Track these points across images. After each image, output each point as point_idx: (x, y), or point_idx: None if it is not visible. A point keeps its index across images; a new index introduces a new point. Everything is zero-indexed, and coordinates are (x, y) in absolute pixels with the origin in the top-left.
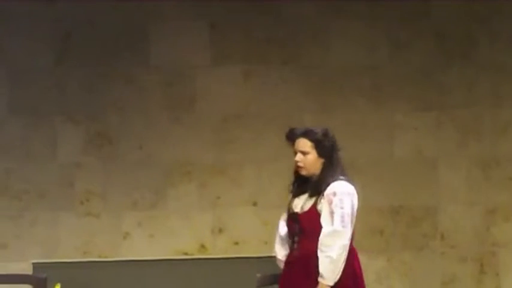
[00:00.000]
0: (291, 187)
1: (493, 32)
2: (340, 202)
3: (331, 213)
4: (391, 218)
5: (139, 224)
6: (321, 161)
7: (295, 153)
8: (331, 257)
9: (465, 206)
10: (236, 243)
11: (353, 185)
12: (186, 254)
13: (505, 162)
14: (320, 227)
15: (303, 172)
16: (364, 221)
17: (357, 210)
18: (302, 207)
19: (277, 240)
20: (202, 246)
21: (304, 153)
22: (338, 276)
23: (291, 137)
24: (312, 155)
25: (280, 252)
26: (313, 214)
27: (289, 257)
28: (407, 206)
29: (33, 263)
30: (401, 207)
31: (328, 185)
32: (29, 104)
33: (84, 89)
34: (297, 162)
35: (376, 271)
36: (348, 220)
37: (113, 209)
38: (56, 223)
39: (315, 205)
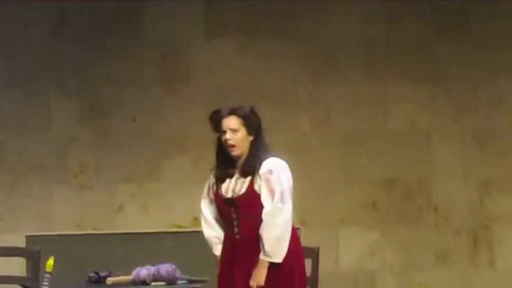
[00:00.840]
0: (215, 171)
1: (488, 5)
2: (278, 178)
3: (271, 190)
4: (384, 191)
5: (133, 197)
6: (250, 139)
7: (224, 133)
8: (276, 235)
9: (459, 179)
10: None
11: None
12: (179, 226)
13: (500, 136)
14: (261, 207)
15: (235, 152)
16: (358, 194)
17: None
18: (236, 191)
19: (204, 224)
20: (196, 219)
21: (233, 130)
22: (285, 253)
23: (218, 117)
24: (242, 133)
25: (211, 233)
26: (252, 195)
27: (229, 241)
28: (401, 179)
29: (26, 236)
30: (395, 180)
31: (260, 162)
32: (23, 78)
33: (79, 63)
34: (227, 140)
35: (369, 244)
36: (287, 196)
37: (106, 181)
38: (49, 196)
39: (251, 186)
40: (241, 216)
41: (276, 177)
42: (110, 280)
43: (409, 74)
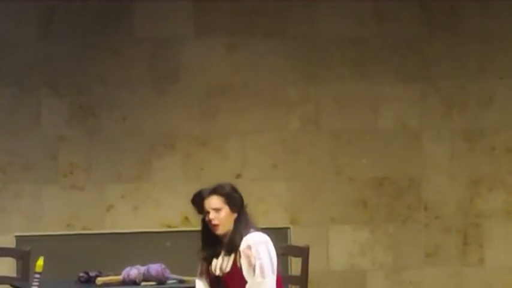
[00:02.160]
0: (201, 252)
1: (478, 4)
2: (257, 253)
3: (252, 266)
4: (374, 189)
5: (123, 196)
6: (234, 216)
7: (207, 214)
8: None
9: (449, 177)
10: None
11: (265, 233)
12: (169, 226)
13: (489, 134)
14: (245, 284)
15: (219, 231)
16: (348, 193)
17: (277, 254)
18: (222, 269)
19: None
20: (186, 218)
21: (217, 210)
22: None
23: (200, 198)
24: (225, 211)
25: None
26: (236, 272)
27: None
28: (391, 177)
29: (16, 236)
30: (385, 178)
31: (241, 239)
32: (13, 77)
33: (69, 62)
34: (211, 221)
35: (360, 243)
36: (267, 269)
37: (96, 181)
38: (39, 196)
39: (235, 263)
40: None
41: (254, 252)
42: (99, 280)
43: (399, 73)
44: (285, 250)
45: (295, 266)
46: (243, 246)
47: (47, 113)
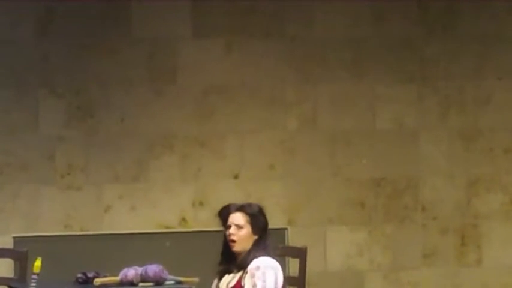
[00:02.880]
0: (219, 268)
1: (475, 4)
2: (263, 275)
3: (253, 286)
4: (372, 190)
5: (120, 197)
6: (254, 238)
7: (228, 228)
8: None
9: (446, 178)
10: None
11: (278, 262)
12: (167, 227)
13: (487, 134)
14: None
15: (235, 247)
16: (345, 193)
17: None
18: (228, 284)
19: None
20: (184, 219)
21: (238, 226)
22: None
23: (226, 212)
24: (246, 230)
25: None
26: None
27: None
28: (389, 178)
29: (14, 237)
30: (382, 179)
31: (253, 260)
32: (10, 78)
33: (67, 62)
34: (230, 235)
35: (357, 243)
36: None
37: (94, 182)
38: (37, 196)
39: (239, 280)
40: None
41: (261, 274)
42: (97, 281)
43: (397, 73)
44: (283, 251)
45: (292, 266)
46: (251, 266)
47: (45, 114)
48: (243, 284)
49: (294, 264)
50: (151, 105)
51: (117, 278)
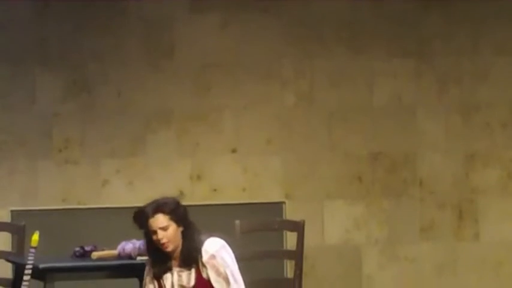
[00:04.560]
0: (151, 270)
1: None
2: (223, 261)
3: (222, 275)
4: (369, 164)
5: (118, 171)
6: (180, 229)
7: (154, 233)
8: None
9: (444, 153)
10: (215, 190)
11: (217, 236)
12: None
13: (484, 109)
14: None
15: (170, 248)
16: (343, 168)
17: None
18: (185, 284)
19: None
20: (181, 193)
21: (164, 228)
22: None
23: (143, 217)
24: (172, 227)
25: None
26: (204, 284)
27: None
28: (386, 152)
29: (11, 211)
30: (380, 154)
31: (198, 251)
32: (7, 54)
33: (63, 38)
34: (160, 240)
35: (354, 218)
36: (237, 273)
37: (91, 156)
38: (34, 171)
39: (199, 275)
40: None
41: (220, 261)
42: (95, 254)
43: (394, 49)
44: (280, 225)
45: (290, 240)
46: (205, 257)
47: (41, 90)
48: (204, 276)
49: (291, 238)
50: (148, 80)
51: (115, 252)
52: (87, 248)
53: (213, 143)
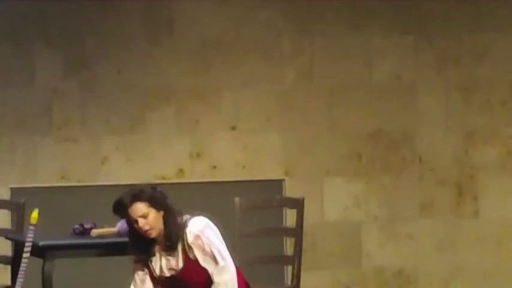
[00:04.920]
0: (136, 256)
1: None
2: (207, 240)
3: (208, 254)
4: (369, 142)
5: (117, 149)
6: (161, 214)
7: (135, 222)
8: None
9: (444, 130)
10: (214, 168)
11: (199, 215)
12: (164, 178)
13: (484, 86)
14: (205, 270)
15: (153, 234)
16: (342, 146)
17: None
18: (174, 268)
19: None
20: (181, 170)
21: (144, 216)
22: None
23: (122, 208)
24: (152, 214)
25: None
26: (193, 265)
27: None
28: (386, 130)
29: (11, 188)
30: (379, 131)
31: (180, 233)
32: (7, 30)
33: (62, 15)
34: (142, 228)
35: (354, 195)
36: (223, 250)
37: (91, 134)
38: (34, 148)
39: (187, 257)
40: (191, 285)
41: (205, 240)
42: (94, 232)
43: (394, 26)
44: (280, 202)
45: (290, 217)
46: (190, 238)
47: (41, 66)
48: (192, 257)
49: (291, 215)
50: (147, 58)
51: (115, 229)
52: (87, 226)
53: (212, 120)
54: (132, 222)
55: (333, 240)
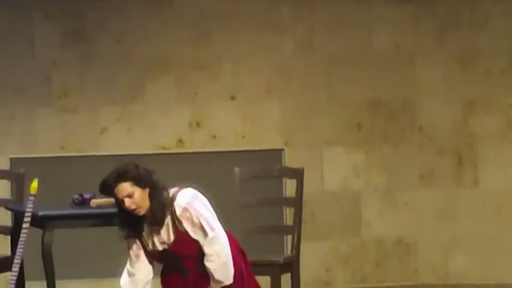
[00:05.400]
0: (127, 234)
1: None
2: (195, 211)
3: (197, 225)
4: (369, 112)
5: (117, 119)
6: (147, 191)
7: (122, 202)
8: (221, 262)
9: (443, 99)
10: (214, 138)
11: (187, 187)
12: (164, 148)
13: (484, 56)
14: (197, 244)
15: (141, 212)
16: (342, 115)
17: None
18: (166, 241)
19: (129, 281)
20: (180, 140)
21: (129, 196)
22: (233, 271)
23: (108, 189)
24: (138, 192)
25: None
26: (184, 237)
27: (179, 284)
28: (385, 99)
29: (10, 158)
30: (379, 101)
31: (167, 208)
32: (7, 0)
33: None
34: (129, 208)
35: (354, 165)
36: (212, 221)
37: (90, 104)
38: (34, 118)
39: (177, 230)
40: (184, 258)
41: (193, 211)
42: (94, 202)
43: None
44: (280, 172)
45: (289, 187)
46: (178, 211)
47: (40, 37)
48: (184, 231)
49: (291, 185)
50: (147, 28)
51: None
52: (86, 196)
53: (212, 90)
54: (119, 202)
55: (332, 210)
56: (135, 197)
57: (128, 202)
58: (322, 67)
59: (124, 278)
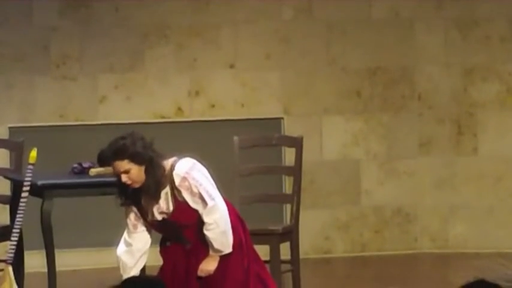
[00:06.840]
0: (126, 203)
1: None
2: (194, 180)
3: (197, 195)
4: (368, 79)
5: (116, 87)
6: (143, 167)
7: (118, 176)
8: (220, 231)
9: (442, 67)
10: (213, 106)
11: (186, 156)
12: (163, 117)
13: (483, 23)
14: (196, 213)
15: (137, 185)
16: (341, 83)
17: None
18: (165, 211)
19: (126, 251)
20: (179, 109)
21: (126, 172)
22: (232, 240)
23: (105, 162)
24: (134, 169)
25: (131, 261)
26: (183, 206)
27: (178, 254)
28: (384, 67)
29: (9, 127)
30: (378, 68)
31: (161, 184)
32: None
33: None
34: (125, 183)
35: (353, 133)
36: (212, 190)
37: (89, 72)
38: (32, 87)
39: (175, 199)
40: (183, 227)
41: (192, 181)
42: (93, 171)
43: None
44: (279, 140)
45: (288, 156)
46: (177, 181)
47: (39, 4)
48: (183, 200)
49: (290, 153)
50: None
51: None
52: (85, 165)
53: (211, 58)
54: (117, 174)
55: (331, 179)
56: (131, 173)
57: (124, 177)
58: (321, 34)
59: (121, 247)
